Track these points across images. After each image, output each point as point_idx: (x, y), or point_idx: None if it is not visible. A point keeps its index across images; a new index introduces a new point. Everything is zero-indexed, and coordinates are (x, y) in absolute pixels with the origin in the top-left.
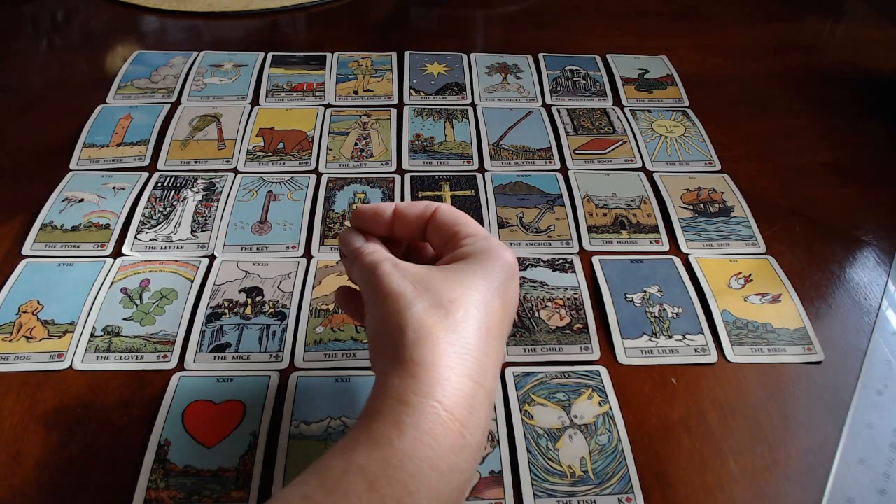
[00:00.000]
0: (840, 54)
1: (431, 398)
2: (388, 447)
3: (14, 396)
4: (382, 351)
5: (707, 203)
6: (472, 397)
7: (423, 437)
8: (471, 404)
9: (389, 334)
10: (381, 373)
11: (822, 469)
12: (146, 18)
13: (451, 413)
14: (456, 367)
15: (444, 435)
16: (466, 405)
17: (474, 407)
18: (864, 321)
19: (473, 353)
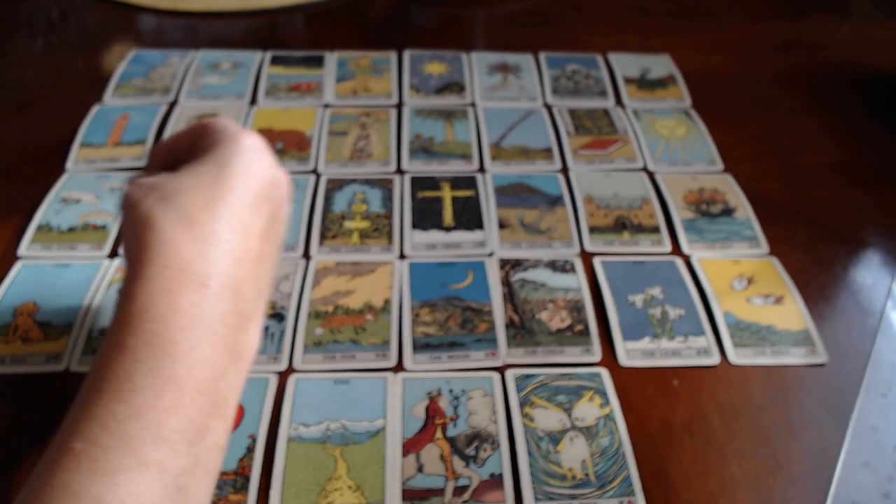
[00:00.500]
0: (844, 53)
1: (147, 252)
2: (123, 314)
3: (10, 399)
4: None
5: (709, 204)
6: (211, 238)
7: (153, 290)
8: (206, 243)
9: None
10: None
11: (826, 472)
12: (143, 17)
13: (182, 254)
14: (186, 236)
15: (173, 280)
16: (201, 245)
17: (209, 244)
18: (869, 323)
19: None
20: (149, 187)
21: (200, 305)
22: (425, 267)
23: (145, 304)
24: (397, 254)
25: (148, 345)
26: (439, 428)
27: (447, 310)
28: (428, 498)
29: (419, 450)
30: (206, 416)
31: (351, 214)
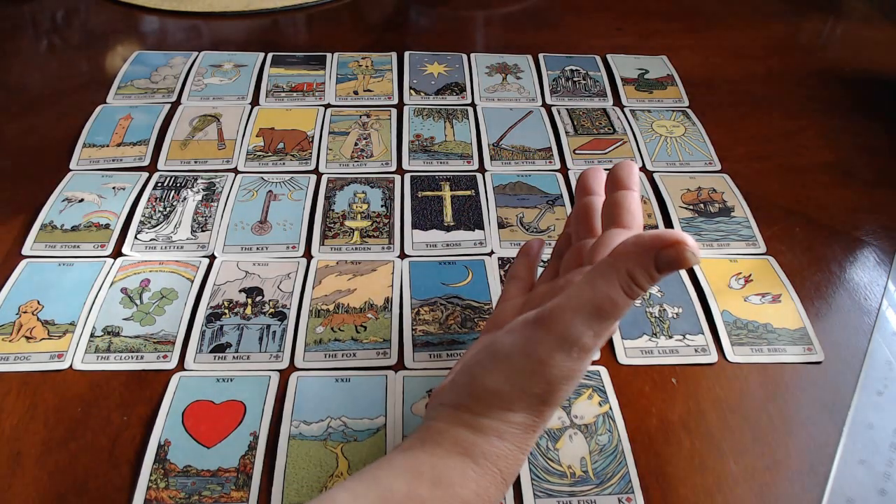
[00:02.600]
0: (840, 54)
1: (497, 467)
2: (449, 490)
3: (14, 396)
4: (479, 389)
5: (707, 203)
6: (520, 466)
7: (480, 492)
8: (518, 471)
9: (498, 391)
10: (465, 407)
11: (823, 469)
12: (146, 18)
13: (505, 476)
14: (526, 450)
15: (495, 490)
16: (517, 468)
17: (518, 471)
18: (865, 321)
19: (536, 434)
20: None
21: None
22: (425, 266)
23: (469, 498)
24: (398, 253)
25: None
26: None
27: (447, 308)
28: None
29: None
30: None
31: (352, 214)
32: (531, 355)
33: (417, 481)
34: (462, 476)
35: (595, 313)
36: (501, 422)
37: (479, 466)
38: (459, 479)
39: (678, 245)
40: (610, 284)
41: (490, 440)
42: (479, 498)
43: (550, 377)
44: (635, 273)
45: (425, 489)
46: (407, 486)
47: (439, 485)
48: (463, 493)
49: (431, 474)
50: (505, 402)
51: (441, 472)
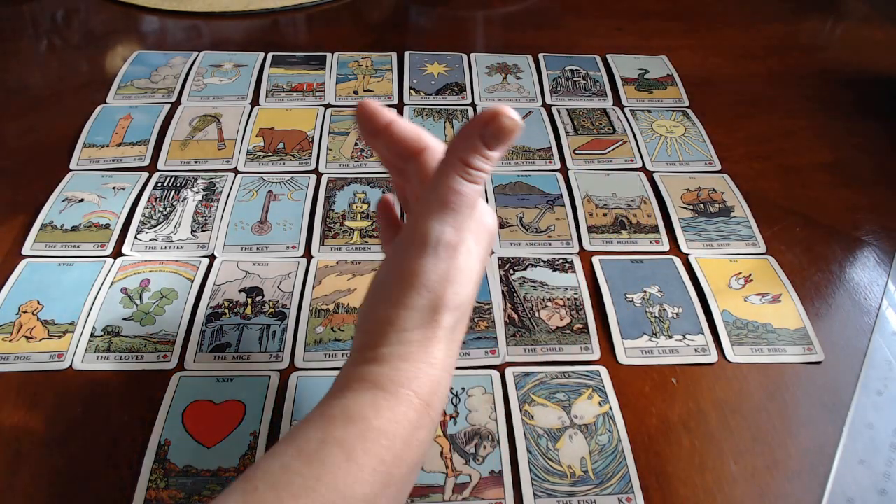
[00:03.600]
0: (840, 54)
1: (408, 388)
2: (363, 423)
3: (14, 396)
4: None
5: (707, 203)
6: (440, 384)
7: (397, 419)
8: (438, 390)
9: (385, 313)
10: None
11: (823, 469)
12: (146, 18)
13: (423, 399)
14: (436, 363)
15: (415, 417)
16: (436, 391)
17: (441, 391)
18: (864, 321)
19: (453, 349)
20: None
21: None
22: None
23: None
24: None
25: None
26: (439, 425)
27: None
28: (428, 495)
29: None
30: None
31: (352, 214)
32: (402, 270)
33: (330, 425)
34: (374, 407)
35: (444, 207)
36: (400, 344)
37: (391, 393)
38: (372, 412)
39: (496, 117)
40: (449, 177)
41: (394, 365)
42: (397, 425)
43: (428, 283)
44: (468, 158)
45: (338, 429)
46: (321, 431)
47: (352, 421)
48: (378, 423)
49: (343, 414)
50: (396, 324)
51: (352, 409)
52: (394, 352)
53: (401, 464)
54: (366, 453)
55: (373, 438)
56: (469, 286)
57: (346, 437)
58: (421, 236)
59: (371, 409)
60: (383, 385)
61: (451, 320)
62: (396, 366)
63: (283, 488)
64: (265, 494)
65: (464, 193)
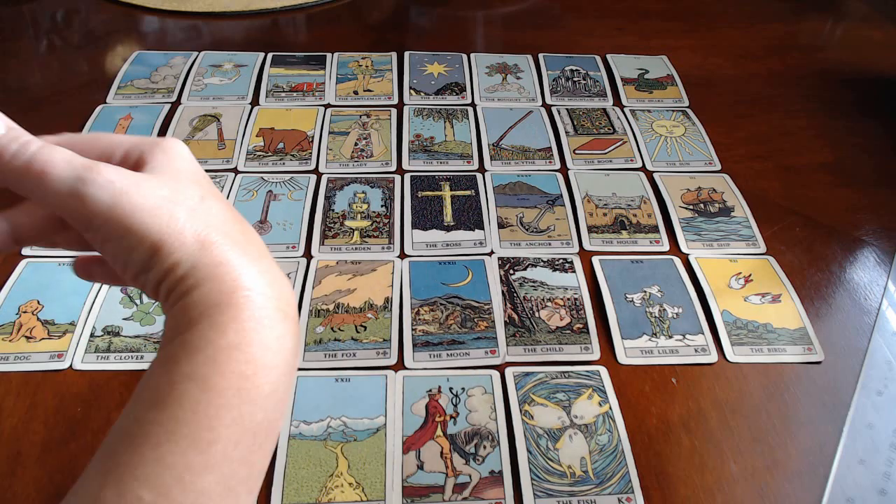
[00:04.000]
0: (840, 54)
1: (241, 290)
2: (210, 347)
3: (14, 396)
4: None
5: (707, 203)
6: (270, 268)
7: (245, 324)
8: (273, 274)
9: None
10: (166, 290)
11: (822, 469)
12: (146, 18)
13: (263, 292)
14: (242, 252)
15: (264, 314)
16: (271, 278)
17: (275, 276)
18: (864, 321)
19: (238, 224)
20: (203, 222)
21: (285, 338)
22: (425, 266)
23: (237, 341)
24: (398, 253)
25: (237, 389)
26: (439, 425)
27: (447, 308)
28: (428, 495)
29: (419, 447)
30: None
31: (352, 214)
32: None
33: (174, 364)
34: (215, 328)
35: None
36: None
37: (224, 304)
38: (214, 333)
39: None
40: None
41: (209, 277)
42: (247, 332)
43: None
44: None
45: (184, 365)
46: (165, 375)
47: (196, 350)
48: (225, 340)
49: (184, 349)
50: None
51: (191, 341)
52: (197, 271)
53: (266, 370)
54: (221, 375)
55: (224, 359)
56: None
57: (195, 368)
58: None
59: (212, 331)
60: (214, 300)
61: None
62: (217, 273)
63: (142, 441)
64: (123, 454)
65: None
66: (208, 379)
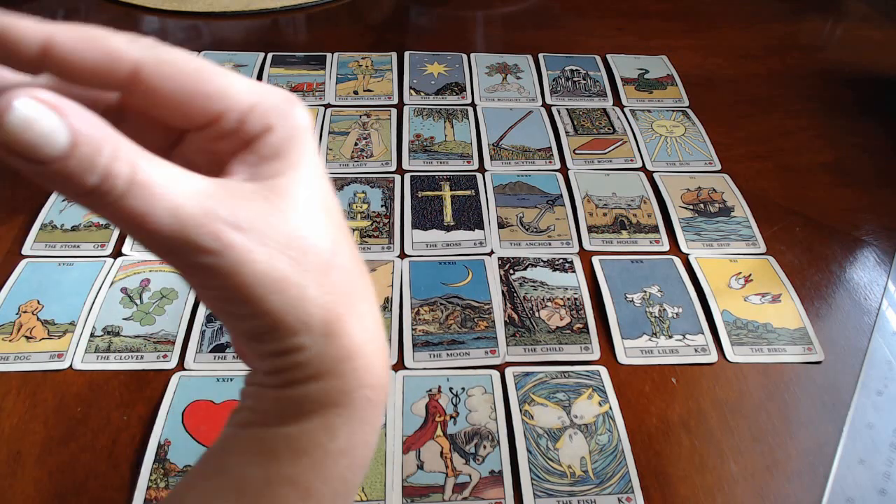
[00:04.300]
0: (840, 54)
1: (362, 389)
2: (318, 451)
3: (14, 396)
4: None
5: (707, 203)
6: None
7: (359, 428)
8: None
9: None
10: (276, 367)
11: (822, 469)
12: (146, 18)
13: (379, 392)
14: (370, 337)
15: (374, 415)
16: (383, 357)
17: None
18: (864, 321)
19: (371, 302)
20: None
21: (375, 441)
22: (425, 266)
23: (346, 447)
24: (398, 253)
25: (335, 494)
26: (439, 425)
27: (447, 308)
28: (428, 495)
29: (419, 447)
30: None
31: (352, 214)
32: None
33: (273, 461)
34: (328, 430)
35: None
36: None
37: (344, 406)
38: (326, 435)
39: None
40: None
41: (339, 370)
42: (356, 435)
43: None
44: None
45: (286, 466)
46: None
47: (303, 453)
48: (335, 444)
49: (288, 447)
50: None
51: (298, 440)
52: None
53: (364, 469)
54: (325, 482)
55: (331, 464)
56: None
57: (298, 472)
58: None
59: (324, 434)
60: (334, 400)
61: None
62: (341, 370)
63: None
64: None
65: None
66: (310, 486)
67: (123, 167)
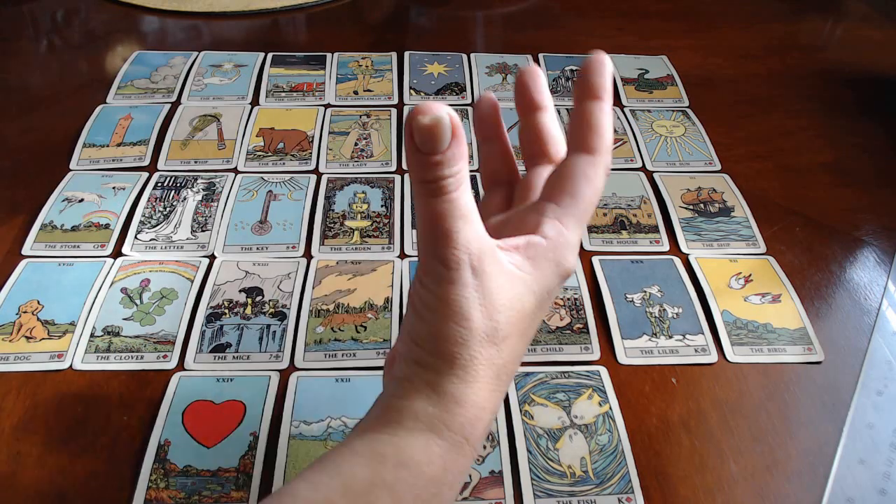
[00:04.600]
0: (840, 54)
1: (461, 435)
2: (415, 470)
3: (14, 396)
4: (420, 354)
5: (707, 203)
6: (487, 424)
7: (449, 467)
8: (485, 430)
9: (435, 350)
10: (411, 378)
11: (823, 469)
12: (146, 18)
13: (474, 445)
14: (488, 406)
15: (464, 463)
16: (485, 428)
17: (486, 430)
18: (864, 321)
19: (503, 388)
20: (482, 296)
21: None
22: None
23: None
24: (398, 253)
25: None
26: None
27: None
28: None
29: None
30: None
31: (352, 214)
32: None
33: (381, 465)
34: (427, 453)
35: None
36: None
37: (444, 439)
38: (425, 457)
39: (411, 122)
40: (425, 205)
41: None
42: (446, 472)
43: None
44: (423, 176)
45: (389, 472)
46: (370, 471)
47: (404, 466)
48: (430, 470)
49: (395, 456)
50: (456, 362)
51: (404, 452)
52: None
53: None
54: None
55: (423, 486)
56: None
57: (397, 483)
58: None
59: (424, 455)
60: (438, 430)
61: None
62: (454, 410)
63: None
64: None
65: (442, 213)
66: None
67: (456, 183)
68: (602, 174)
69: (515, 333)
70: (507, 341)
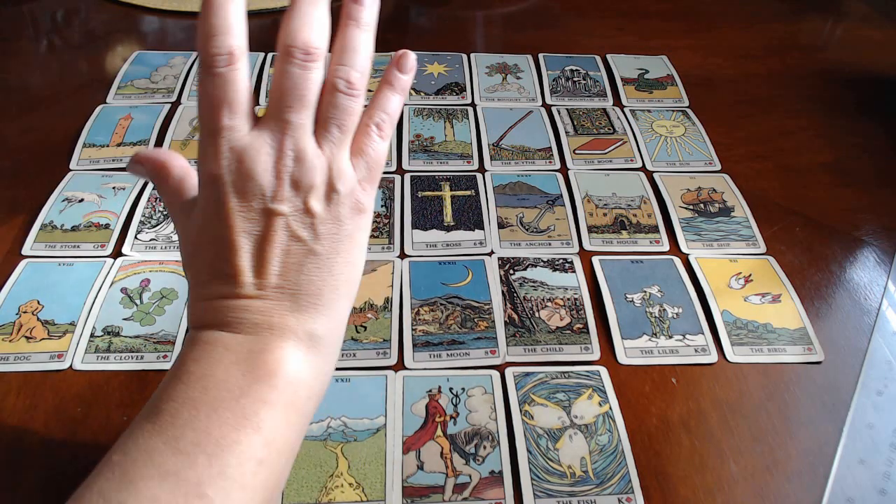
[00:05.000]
0: (840, 54)
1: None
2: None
3: (14, 396)
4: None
5: (707, 203)
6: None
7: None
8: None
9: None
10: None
11: (823, 469)
12: (146, 18)
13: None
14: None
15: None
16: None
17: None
18: (864, 321)
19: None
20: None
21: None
22: (425, 266)
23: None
24: (397, 253)
25: (172, 376)
26: (439, 426)
27: (447, 308)
28: (428, 495)
29: (419, 447)
30: (228, 429)
31: None
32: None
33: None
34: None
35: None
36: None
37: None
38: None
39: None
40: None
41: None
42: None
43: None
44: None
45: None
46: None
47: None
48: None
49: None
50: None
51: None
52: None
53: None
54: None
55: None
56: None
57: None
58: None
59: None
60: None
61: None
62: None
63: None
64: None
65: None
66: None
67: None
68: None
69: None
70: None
